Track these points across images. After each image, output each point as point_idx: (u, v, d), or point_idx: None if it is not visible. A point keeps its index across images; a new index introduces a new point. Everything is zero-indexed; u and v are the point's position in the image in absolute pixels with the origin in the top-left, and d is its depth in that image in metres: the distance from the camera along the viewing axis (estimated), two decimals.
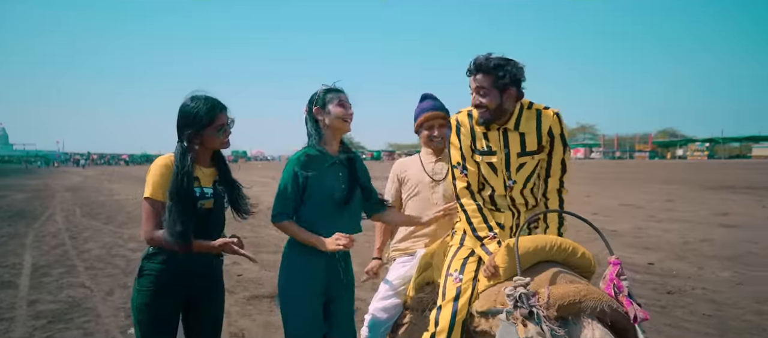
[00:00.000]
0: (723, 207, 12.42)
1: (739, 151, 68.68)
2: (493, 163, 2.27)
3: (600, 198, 15.63)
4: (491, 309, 2.07)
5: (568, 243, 2.16)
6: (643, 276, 6.04)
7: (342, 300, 2.48)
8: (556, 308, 1.85)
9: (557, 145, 2.26)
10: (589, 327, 1.84)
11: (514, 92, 2.18)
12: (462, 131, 2.30)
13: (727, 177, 24.48)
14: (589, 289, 1.93)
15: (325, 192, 2.36)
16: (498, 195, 2.32)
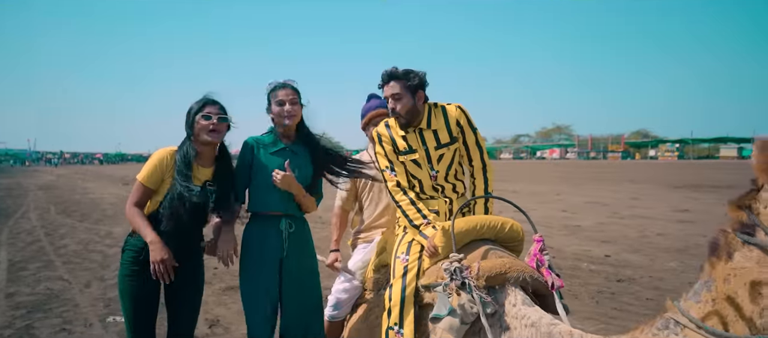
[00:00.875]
0: (684, 205, 12.99)
1: (707, 152, 70.56)
2: (416, 159, 2.60)
3: (569, 196, 16.16)
4: (432, 283, 2.37)
5: (496, 220, 2.48)
6: (598, 267, 6.44)
7: (294, 267, 2.64)
8: (484, 279, 2.16)
9: (467, 132, 2.62)
10: (512, 294, 2.15)
11: (422, 94, 2.57)
12: (383, 140, 2.64)
13: (693, 176, 25.32)
14: (514, 262, 2.24)
15: (265, 173, 2.60)
16: (426, 186, 2.63)
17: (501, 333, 2.07)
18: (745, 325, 1.42)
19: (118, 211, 12.89)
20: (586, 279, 5.88)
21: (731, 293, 1.46)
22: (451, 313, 2.12)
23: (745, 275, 1.43)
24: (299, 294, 2.64)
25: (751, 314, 1.41)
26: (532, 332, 2.01)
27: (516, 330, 2.05)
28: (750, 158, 1.49)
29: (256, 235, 2.64)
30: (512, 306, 2.12)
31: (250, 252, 2.64)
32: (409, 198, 2.58)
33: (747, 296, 1.42)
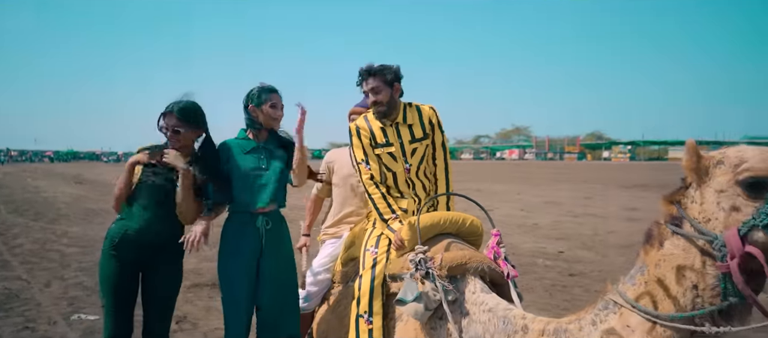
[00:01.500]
0: (633, 204, 13.64)
1: (657, 154, 73.48)
2: (392, 152, 2.77)
3: (528, 195, 16.68)
4: (399, 273, 2.54)
5: (458, 216, 2.67)
6: (553, 263, 6.78)
7: (272, 261, 2.76)
8: (446, 269, 2.34)
9: (437, 132, 2.83)
10: (472, 283, 2.34)
11: (398, 87, 2.76)
12: (362, 133, 2.79)
13: (642, 177, 26.49)
14: (474, 254, 2.43)
15: (243, 172, 2.73)
16: (400, 180, 2.80)
17: (461, 318, 2.26)
18: (671, 303, 1.64)
19: (74, 211, 12.57)
20: (541, 274, 6.19)
21: (661, 276, 1.68)
22: (417, 299, 2.28)
23: (673, 260, 1.65)
24: (277, 291, 2.75)
25: (676, 293, 1.63)
26: (489, 316, 2.20)
27: (475, 315, 2.24)
28: None
29: (234, 233, 2.75)
30: (471, 293, 2.31)
31: (228, 250, 2.74)
32: (381, 192, 2.74)
33: (674, 278, 1.65)
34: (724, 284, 1.53)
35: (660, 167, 42.79)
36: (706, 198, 1.59)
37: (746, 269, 1.48)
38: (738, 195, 1.51)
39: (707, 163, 1.61)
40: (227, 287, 2.72)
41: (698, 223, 1.59)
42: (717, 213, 1.55)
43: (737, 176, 1.51)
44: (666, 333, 1.64)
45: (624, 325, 1.76)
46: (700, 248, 1.59)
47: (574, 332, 1.92)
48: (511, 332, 2.10)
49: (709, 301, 1.57)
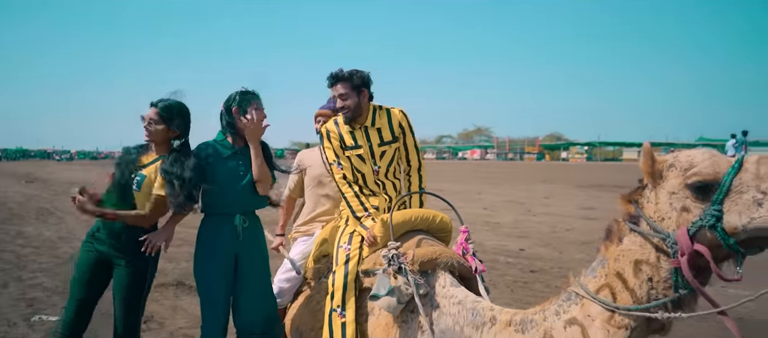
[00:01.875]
0: (589, 203, 14.10)
1: (613, 155, 75.81)
2: (361, 154, 2.85)
3: (489, 195, 16.99)
4: (372, 269, 2.62)
5: (428, 213, 2.78)
6: (514, 260, 6.99)
7: (250, 260, 2.81)
8: (418, 264, 2.44)
9: (408, 134, 2.93)
10: (442, 277, 2.45)
11: (366, 92, 2.83)
12: (331, 136, 2.87)
13: (598, 177, 27.33)
14: (444, 250, 2.54)
15: (224, 176, 2.76)
16: (369, 181, 2.88)
17: (432, 310, 2.36)
18: (629, 295, 1.78)
19: (27, 210, 12.13)
20: (504, 271, 6.38)
21: (619, 269, 1.82)
22: (389, 293, 2.37)
23: (630, 255, 1.79)
24: (255, 287, 2.81)
25: (633, 286, 1.77)
26: (458, 309, 2.31)
27: (445, 308, 2.34)
28: None
29: (211, 232, 2.78)
30: (442, 287, 2.41)
31: (205, 249, 2.77)
32: (353, 191, 2.81)
33: (631, 272, 1.78)
34: (676, 278, 1.68)
35: (615, 168, 44.20)
36: (661, 198, 1.73)
37: (695, 265, 1.62)
38: (687, 198, 1.65)
39: (661, 166, 1.75)
40: (205, 288, 2.75)
41: (653, 222, 1.73)
42: (670, 213, 1.69)
43: (687, 180, 1.65)
44: (624, 321, 1.78)
45: (585, 315, 1.89)
46: (655, 244, 1.73)
47: (539, 322, 2.05)
48: (479, 323, 2.21)
49: (662, 293, 1.72)
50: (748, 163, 1.60)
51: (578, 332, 1.88)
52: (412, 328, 2.37)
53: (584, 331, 1.87)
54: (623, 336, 1.77)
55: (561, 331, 1.94)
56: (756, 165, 1.59)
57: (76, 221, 10.44)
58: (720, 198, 1.58)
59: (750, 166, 1.59)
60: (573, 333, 1.90)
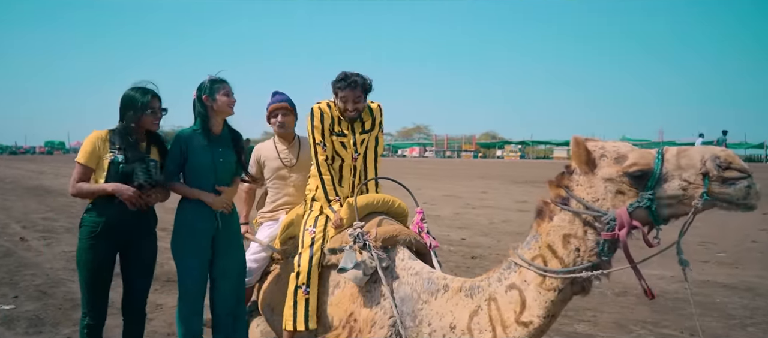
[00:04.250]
0: (523, 197, 14.93)
1: (544, 153, 78.94)
2: (344, 142, 3.12)
3: (429, 190, 17.50)
4: (339, 247, 2.93)
5: (388, 198, 3.12)
6: (456, 248, 7.47)
7: (227, 242, 3.06)
8: (380, 240, 2.77)
9: (377, 127, 3.22)
10: (401, 252, 2.79)
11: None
12: (324, 116, 3.08)
13: (531, 174, 28.65)
14: (402, 229, 2.89)
15: (202, 163, 2.98)
16: (346, 166, 3.16)
17: (392, 281, 2.69)
18: (558, 262, 2.17)
19: None
20: (446, 258, 6.82)
21: (550, 242, 2.21)
22: (356, 267, 2.69)
23: (560, 230, 2.19)
24: (230, 266, 3.05)
25: (562, 255, 2.16)
26: (415, 279, 2.66)
27: (404, 278, 2.68)
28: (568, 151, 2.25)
29: (190, 216, 2.98)
30: (401, 260, 2.76)
31: (185, 232, 2.98)
32: (331, 176, 3.07)
33: (560, 243, 2.18)
34: (602, 247, 2.08)
35: (546, 165, 46.19)
36: (595, 183, 2.11)
37: None
38: (624, 183, 2.05)
39: (594, 155, 2.14)
40: (186, 266, 2.97)
41: (587, 202, 2.12)
42: (605, 195, 2.08)
43: (627, 169, 2.03)
44: (553, 284, 2.17)
45: (522, 280, 2.28)
46: (583, 220, 2.13)
47: (485, 287, 2.43)
48: (434, 290, 2.57)
49: (587, 259, 2.12)
50: (669, 155, 2.01)
51: (516, 295, 2.27)
52: (375, 296, 2.70)
53: (521, 294, 2.26)
54: (552, 296, 2.17)
55: (502, 295, 2.32)
56: (676, 157, 2.00)
57: (8, 216, 10.06)
58: (652, 185, 1.98)
59: (671, 158, 2.00)
60: (512, 296, 2.29)
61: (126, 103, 2.88)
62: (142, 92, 2.90)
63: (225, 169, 3.03)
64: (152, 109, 2.91)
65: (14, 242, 7.70)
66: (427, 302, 2.54)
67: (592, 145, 2.17)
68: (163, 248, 3.05)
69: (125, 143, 2.83)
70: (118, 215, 2.81)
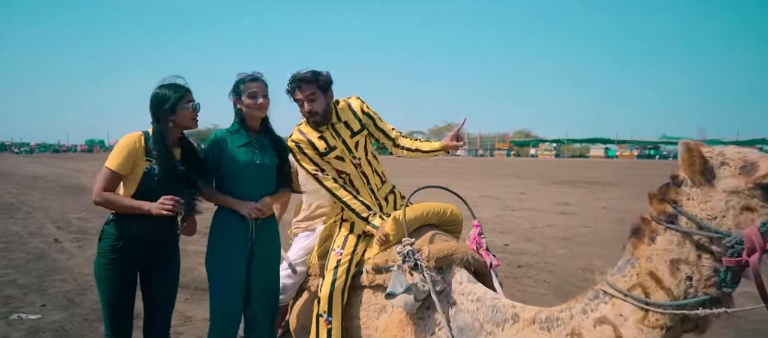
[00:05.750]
0: (564, 199, 14.33)
1: (579, 151, 77.35)
2: (339, 155, 2.73)
3: (465, 190, 16.76)
4: (384, 266, 2.56)
5: (439, 207, 2.74)
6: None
7: (261, 256, 2.74)
8: (434, 260, 2.39)
9: (374, 117, 2.83)
10: (458, 273, 2.40)
11: (331, 93, 2.72)
12: (303, 146, 2.71)
13: (568, 173, 27.86)
14: (458, 246, 2.50)
15: (235, 166, 2.68)
16: (353, 177, 2.77)
17: (449, 307, 2.31)
18: (664, 293, 1.76)
19: None
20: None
21: (653, 269, 1.79)
22: (406, 291, 2.31)
23: (666, 254, 1.76)
24: (266, 282, 2.75)
25: (669, 285, 1.75)
26: (477, 305, 2.27)
27: (462, 305, 2.30)
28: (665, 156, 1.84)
29: (225, 226, 2.70)
30: (458, 283, 2.37)
31: (219, 243, 2.71)
32: (350, 193, 2.71)
33: (667, 271, 1.76)
34: (724, 276, 1.66)
35: (583, 164, 45.14)
36: (713, 197, 1.70)
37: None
38: (754, 198, 1.63)
39: (711, 164, 1.72)
40: (218, 280, 2.69)
41: (702, 220, 1.70)
42: (725, 212, 1.67)
43: (761, 180, 1.62)
44: (659, 320, 1.75)
45: (617, 314, 1.86)
46: (696, 243, 1.71)
47: (566, 320, 2.01)
48: (500, 320, 2.17)
49: (703, 291, 1.69)
50: None
51: (609, 331, 1.85)
52: (428, 325, 2.32)
53: (616, 330, 1.84)
54: (658, 335, 1.75)
55: (590, 330, 1.90)
56: None
57: (45, 216, 10.07)
58: None
59: None
60: (603, 331, 1.87)
61: (159, 101, 2.56)
62: (173, 88, 2.59)
63: (262, 174, 2.74)
64: (189, 104, 2.60)
65: (48, 243, 7.61)
66: (492, 334, 2.16)
67: (707, 151, 1.75)
68: (192, 252, 2.75)
69: (162, 151, 2.53)
70: (142, 230, 2.52)
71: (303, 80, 2.62)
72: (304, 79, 2.62)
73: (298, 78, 2.62)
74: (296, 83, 2.62)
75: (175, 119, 2.57)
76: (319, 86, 2.64)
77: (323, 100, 2.65)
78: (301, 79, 2.62)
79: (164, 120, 2.56)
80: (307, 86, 2.61)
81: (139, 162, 2.50)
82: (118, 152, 2.49)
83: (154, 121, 2.57)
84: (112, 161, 2.47)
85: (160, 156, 2.51)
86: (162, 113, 2.55)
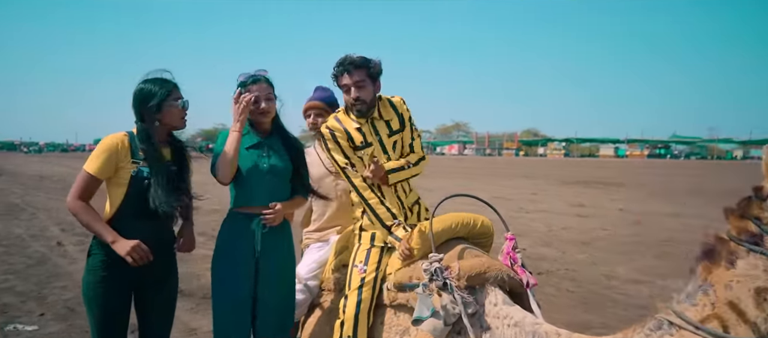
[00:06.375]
0: (578, 200, 14.01)
1: (589, 151, 76.80)
2: (373, 153, 2.51)
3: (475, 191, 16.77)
4: (407, 283, 2.29)
5: (469, 217, 2.48)
6: None
7: (272, 259, 2.48)
8: (465, 279, 2.12)
9: (407, 124, 2.60)
10: (492, 294, 2.14)
11: (379, 83, 2.51)
12: (337, 135, 2.49)
13: (581, 173, 27.49)
14: (491, 262, 2.23)
15: (244, 169, 2.44)
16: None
17: (482, 332, 2.05)
18: (747, 329, 1.48)
19: None
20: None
21: (734, 299, 1.52)
22: (434, 315, 2.06)
23: (750, 282, 1.49)
24: (275, 294, 2.49)
25: (755, 319, 1.47)
26: (515, 332, 2.00)
27: (498, 330, 2.04)
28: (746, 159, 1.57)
29: (230, 233, 2.47)
30: (493, 305, 2.11)
31: (223, 252, 2.47)
32: (378, 197, 2.47)
33: (752, 302, 1.48)
34: None
35: (594, 164, 44.70)
36: None
37: None
38: None
39: None
40: (221, 292, 2.45)
41: None
42: None
43: None
44: None
45: None
46: None
47: None
48: None
49: None
50: None
51: None
52: None
53: None
54: None
55: None
56: None
57: (49, 217, 9.88)
58: None
59: None
60: None
61: (144, 97, 2.30)
62: (159, 83, 2.33)
63: (273, 179, 2.48)
64: (177, 101, 2.35)
65: (50, 247, 7.42)
66: None
67: None
68: (197, 256, 2.49)
69: (151, 151, 2.27)
70: (144, 242, 2.25)
71: (353, 64, 2.40)
72: (354, 63, 2.41)
73: (347, 61, 2.41)
74: (345, 67, 2.41)
75: (162, 117, 2.32)
76: (369, 73, 2.43)
77: (371, 89, 2.46)
78: (351, 62, 2.41)
79: (150, 118, 2.30)
80: (356, 71, 2.41)
81: (123, 164, 2.24)
82: (97, 154, 2.22)
83: (138, 119, 2.32)
84: (90, 164, 2.21)
85: (149, 156, 2.26)
86: (147, 111, 2.29)
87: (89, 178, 2.21)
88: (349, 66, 2.41)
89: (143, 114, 2.31)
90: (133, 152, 2.27)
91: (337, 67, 2.45)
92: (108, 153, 2.22)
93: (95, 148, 2.28)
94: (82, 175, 2.21)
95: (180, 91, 2.38)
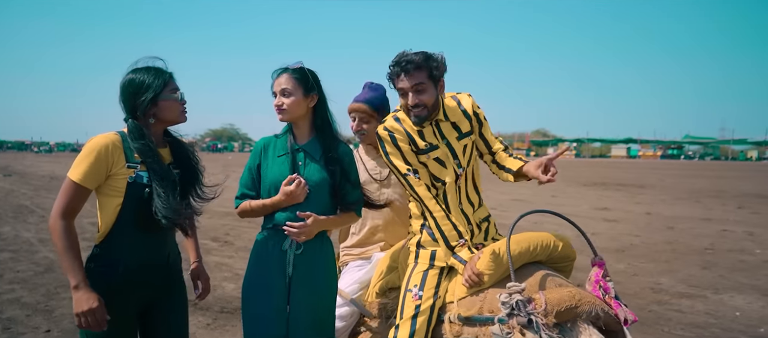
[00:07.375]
0: (601, 203, 13.55)
1: (600, 151, 76.11)
2: (439, 157, 2.17)
3: (494, 193, 16.31)
4: (477, 316, 1.93)
5: (549, 239, 2.15)
6: None
7: (307, 283, 2.13)
8: (553, 314, 1.76)
9: (483, 121, 2.28)
10: (585, 333, 1.77)
11: (443, 83, 2.15)
12: (398, 137, 2.15)
13: (597, 174, 26.95)
14: (582, 294, 1.86)
15: (270, 178, 2.11)
16: (449, 189, 2.19)
17: None
18: None
19: (4, 207, 11.24)
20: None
21: None
22: None
23: None
24: (309, 320, 2.11)
25: None
26: None
27: None
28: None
29: (259, 256, 2.14)
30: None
31: (253, 272, 2.15)
32: (444, 211, 2.12)
33: None
34: None
35: (607, 165, 44.05)
36: None
37: None
38: None
39: None
40: (248, 325, 2.12)
41: None
42: None
43: None
44: None
45: None
46: None
47: None
48: None
49: None
50: None
51: None
52: None
53: None
54: None
55: None
56: None
57: None
58: None
59: None
60: None
61: (136, 89, 1.92)
62: (154, 73, 1.95)
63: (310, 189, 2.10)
64: (175, 93, 1.99)
65: None
66: None
67: None
68: (212, 264, 2.14)
69: (146, 151, 1.89)
70: (136, 262, 1.91)
71: (411, 63, 2.02)
72: (413, 62, 2.03)
73: (404, 60, 2.05)
74: (401, 67, 2.06)
75: (158, 112, 1.96)
76: (431, 75, 2.05)
77: (433, 92, 2.10)
78: (409, 62, 2.03)
79: (144, 114, 1.94)
80: (416, 72, 2.04)
81: (116, 170, 1.86)
82: (82, 158, 1.84)
83: (129, 115, 1.95)
84: (75, 170, 1.83)
85: (147, 158, 1.89)
86: (140, 105, 1.92)
87: (74, 188, 1.82)
88: (407, 66, 2.04)
89: (135, 109, 1.93)
90: (128, 155, 1.89)
91: (393, 67, 2.08)
92: (95, 155, 1.83)
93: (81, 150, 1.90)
94: (66, 185, 1.83)
95: (176, 82, 2.02)
